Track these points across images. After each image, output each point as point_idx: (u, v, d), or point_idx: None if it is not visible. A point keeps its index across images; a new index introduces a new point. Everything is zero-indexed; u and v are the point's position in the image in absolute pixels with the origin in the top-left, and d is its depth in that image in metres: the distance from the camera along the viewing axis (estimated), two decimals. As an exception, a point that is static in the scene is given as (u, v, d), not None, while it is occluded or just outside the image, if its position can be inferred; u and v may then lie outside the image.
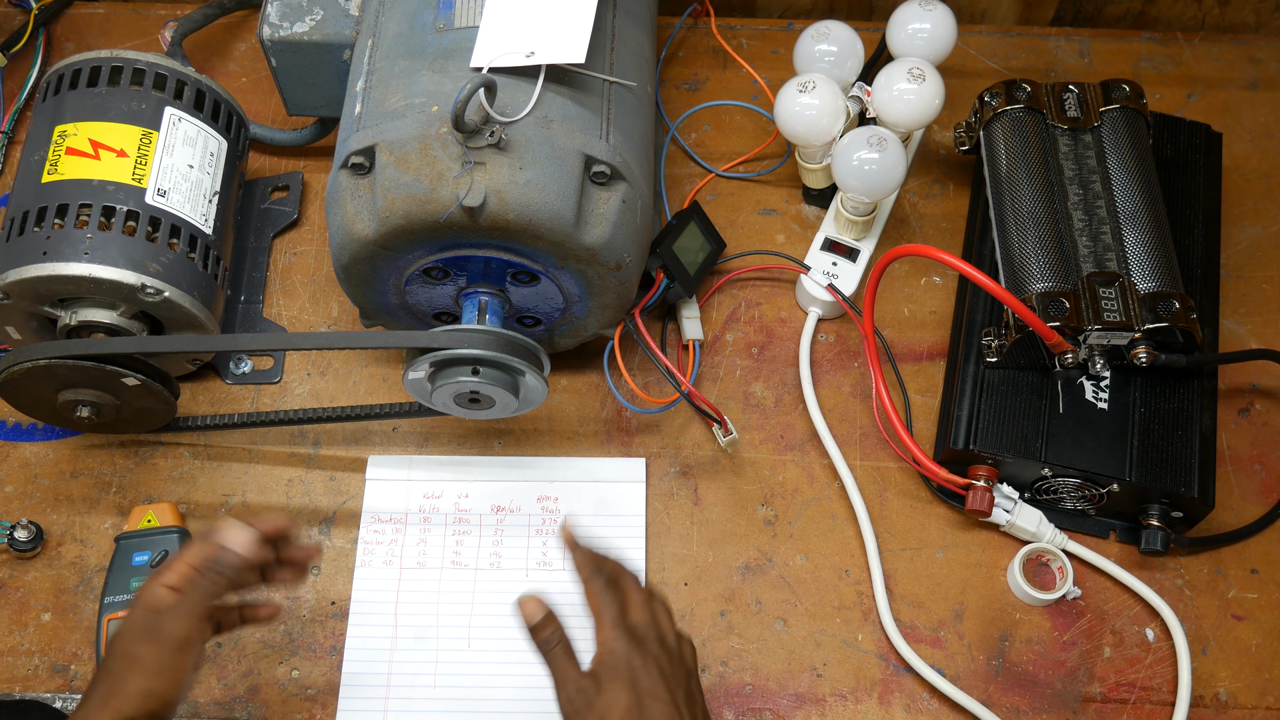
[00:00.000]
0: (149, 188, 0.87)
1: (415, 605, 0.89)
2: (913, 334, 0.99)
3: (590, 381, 0.97)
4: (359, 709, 0.86)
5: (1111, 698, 0.86)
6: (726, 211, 1.04)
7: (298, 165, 1.05)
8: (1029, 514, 0.89)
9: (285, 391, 0.97)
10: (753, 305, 1.00)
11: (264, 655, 0.87)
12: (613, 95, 0.84)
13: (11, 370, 0.82)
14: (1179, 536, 0.88)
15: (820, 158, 0.99)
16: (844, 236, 1.00)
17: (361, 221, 0.80)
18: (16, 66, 1.09)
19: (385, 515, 0.92)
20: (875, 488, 0.93)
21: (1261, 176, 1.06)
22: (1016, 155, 0.93)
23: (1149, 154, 0.93)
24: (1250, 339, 0.99)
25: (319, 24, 0.92)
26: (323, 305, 1.00)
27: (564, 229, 0.79)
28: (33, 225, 0.85)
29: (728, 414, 0.93)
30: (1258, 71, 1.11)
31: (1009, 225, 0.91)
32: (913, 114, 0.95)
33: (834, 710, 0.86)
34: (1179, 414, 0.88)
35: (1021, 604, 0.89)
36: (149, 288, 0.85)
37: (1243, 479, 0.93)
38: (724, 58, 1.11)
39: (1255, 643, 0.88)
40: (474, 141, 0.77)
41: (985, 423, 0.88)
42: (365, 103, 0.83)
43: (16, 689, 0.86)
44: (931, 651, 0.88)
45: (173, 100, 0.90)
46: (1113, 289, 0.86)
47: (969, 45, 1.12)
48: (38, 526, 0.89)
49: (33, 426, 0.95)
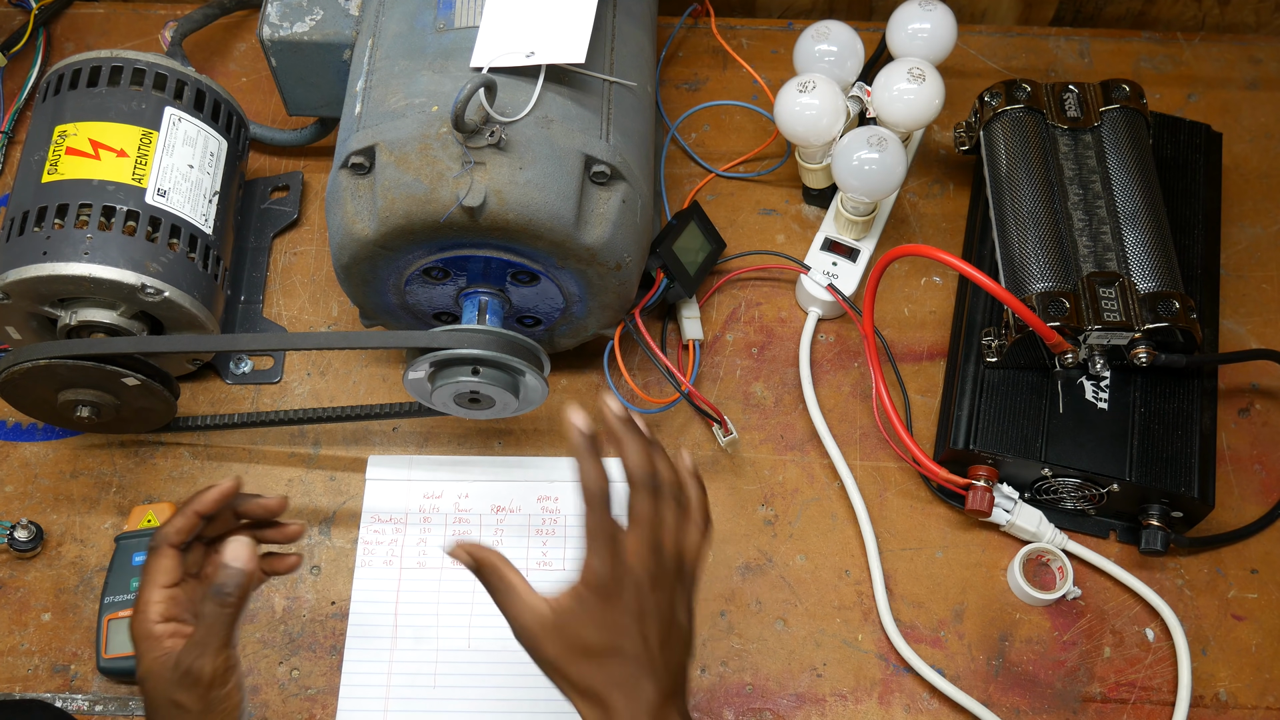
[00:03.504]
0: (149, 188, 0.87)
1: (415, 605, 0.89)
2: (913, 334, 0.99)
3: (590, 381, 0.97)
4: (359, 709, 0.86)
5: (1111, 698, 0.86)
6: (726, 211, 1.04)
7: (298, 165, 1.05)
8: (1029, 514, 0.89)
9: (285, 391, 0.97)
10: (753, 305, 1.00)
11: (264, 655, 0.87)
12: (613, 95, 0.84)
13: (11, 370, 0.82)
14: (1179, 536, 0.88)
15: (820, 158, 0.99)
16: (844, 236, 1.00)
17: (361, 221, 0.80)
18: (16, 66, 1.09)
19: (385, 515, 0.92)
20: (875, 488, 0.93)
21: (1261, 176, 1.06)
22: (1016, 155, 0.93)
23: (1149, 154, 0.93)
24: (1250, 339, 0.99)
25: (319, 24, 0.92)
26: (323, 305, 1.00)
27: (564, 229, 0.79)
28: (33, 225, 0.85)
29: (728, 414, 0.93)
30: (1258, 71, 1.11)
31: (1009, 225, 0.91)
32: (913, 114, 0.95)
33: (834, 710, 0.86)
34: (1179, 414, 0.88)
35: (1021, 604, 0.89)
36: (149, 288, 0.85)
37: (1243, 479, 0.93)
38: (724, 58, 1.11)
39: (1255, 643, 0.88)
40: (474, 141, 0.77)
41: (985, 423, 0.88)
42: (365, 103, 0.83)
43: (16, 689, 0.86)
44: (931, 651, 0.88)
45: (173, 100, 0.90)
46: (1113, 289, 0.86)
47: (969, 45, 1.12)
48: (38, 526, 0.89)
49: (33, 426, 0.95)
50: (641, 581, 0.65)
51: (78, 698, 0.86)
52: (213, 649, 0.67)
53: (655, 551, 0.66)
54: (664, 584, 0.66)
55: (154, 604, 0.69)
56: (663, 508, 0.67)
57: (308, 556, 0.90)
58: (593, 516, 0.66)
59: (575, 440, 0.66)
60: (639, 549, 0.65)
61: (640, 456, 0.67)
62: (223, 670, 0.68)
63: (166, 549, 0.71)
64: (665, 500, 0.67)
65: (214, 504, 0.72)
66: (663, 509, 0.67)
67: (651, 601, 0.65)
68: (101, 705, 0.86)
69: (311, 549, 0.91)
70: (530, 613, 0.67)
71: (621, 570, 0.65)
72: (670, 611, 0.66)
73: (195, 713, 0.67)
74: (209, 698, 0.67)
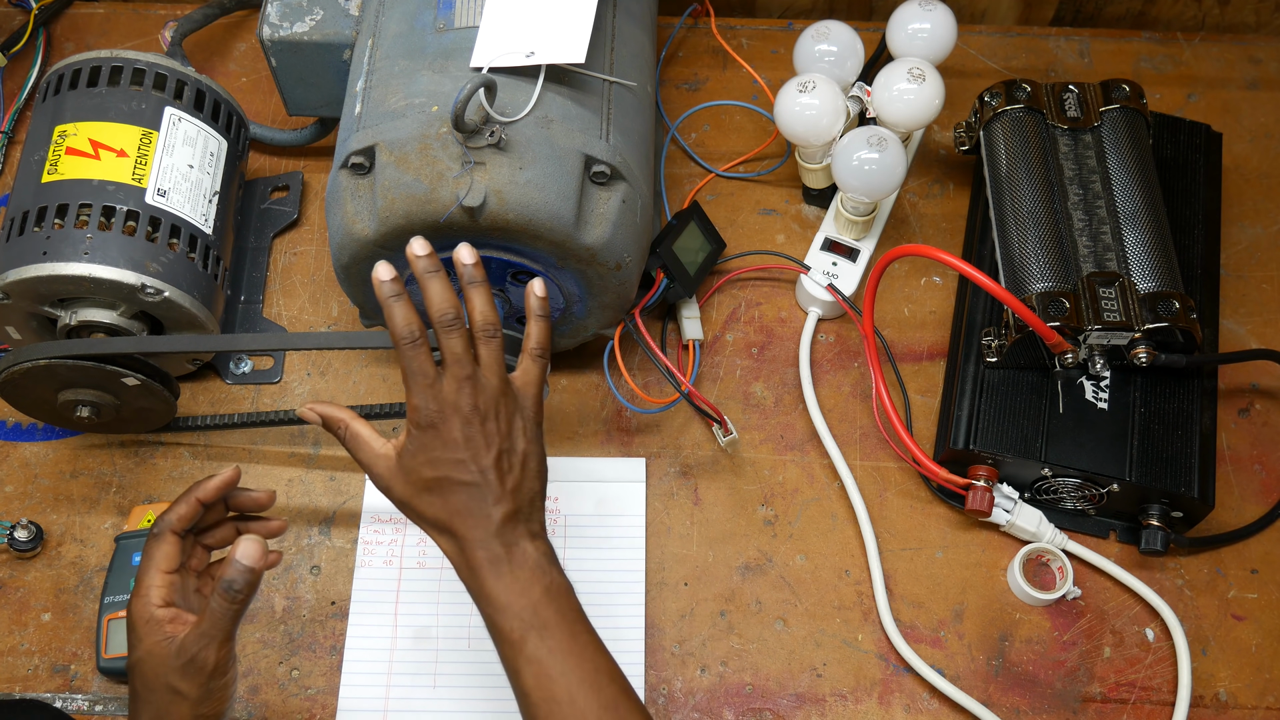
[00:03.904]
0: (149, 188, 0.87)
1: (415, 605, 0.89)
2: (913, 334, 0.99)
3: (590, 381, 0.97)
4: (359, 709, 0.86)
5: (1111, 698, 0.86)
6: (726, 211, 1.04)
7: (298, 165, 1.05)
8: (1029, 514, 0.89)
9: (285, 391, 0.97)
10: (753, 305, 1.00)
11: (264, 655, 0.87)
12: (613, 95, 0.84)
13: (11, 370, 0.82)
14: (1179, 536, 0.88)
15: (820, 158, 0.99)
16: (844, 236, 1.00)
17: (361, 221, 0.80)
18: (16, 66, 1.09)
19: (385, 515, 0.92)
20: (875, 488, 0.93)
21: (1261, 176, 1.06)
22: (1016, 155, 0.93)
23: (1149, 154, 0.93)
24: (1250, 339, 0.99)
25: (319, 24, 0.92)
26: (323, 305, 1.00)
27: (564, 229, 0.79)
28: (33, 225, 0.85)
29: (728, 414, 0.93)
30: (1258, 71, 1.11)
31: (1009, 225, 0.91)
32: (913, 114, 0.95)
33: (834, 710, 0.86)
34: (1179, 414, 0.88)
35: (1021, 604, 0.89)
36: (149, 288, 0.85)
37: (1243, 479, 0.93)
38: (724, 58, 1.11)
39: (1255, 643, 0.88)
40: (474, 141, 0.77)
41: (985, 423, 0.88)
42: (365, 103, 0.83)
43: (16, 689, 0.86)
44: (931, 651, 0.88)
45: (173, 100, 0.90)
46: (1113, 289, 0.86)
47: (969, 45, 1.12)
48: (38, 526, 0.89)
49: (33, 426, 0.95)
50: (465, 412, 0.70)
51: (78, 698, 0.86)
52: (217, 641, 0.68)
53: (472, 383, 0.70)
54: (490, 414, 0.71)
55: (155, 588, 0.70)
56: (478, 344, 0.72)
57: (308, 556, 0.90)
58: (406, 358, 0.71)
59: (380, 290, 0.71)
60: (453, 384, 0.70)
61: (440, 297, 0.71)
62: (224, 661, 0.69)
63: (169, 535, 0.72)
64: (480, 339, 0.72)
65: (216, 492, 0.74)
66: (478, 345, 0.72)
67: (479, 431, 0.70)
68: (101, 705, 0.86)
69: (311, 549, 0.91)
70: (378, 459, 0.72)
71: (442, 403, 0.70)
72: (506, 439, 0.71)
73: (192, 700, 0.68)
74: (208, 686, 0.68)
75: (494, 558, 0.69)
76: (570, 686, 0.67)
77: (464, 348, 0.71)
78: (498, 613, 0.69)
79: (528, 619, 0.69)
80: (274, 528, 0.78)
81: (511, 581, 0.69)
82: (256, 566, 0.69)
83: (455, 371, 0.71)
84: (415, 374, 0.71)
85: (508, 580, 0.69)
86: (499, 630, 0.69)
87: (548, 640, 0.68)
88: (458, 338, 0.71)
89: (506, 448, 0.71)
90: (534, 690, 0.68)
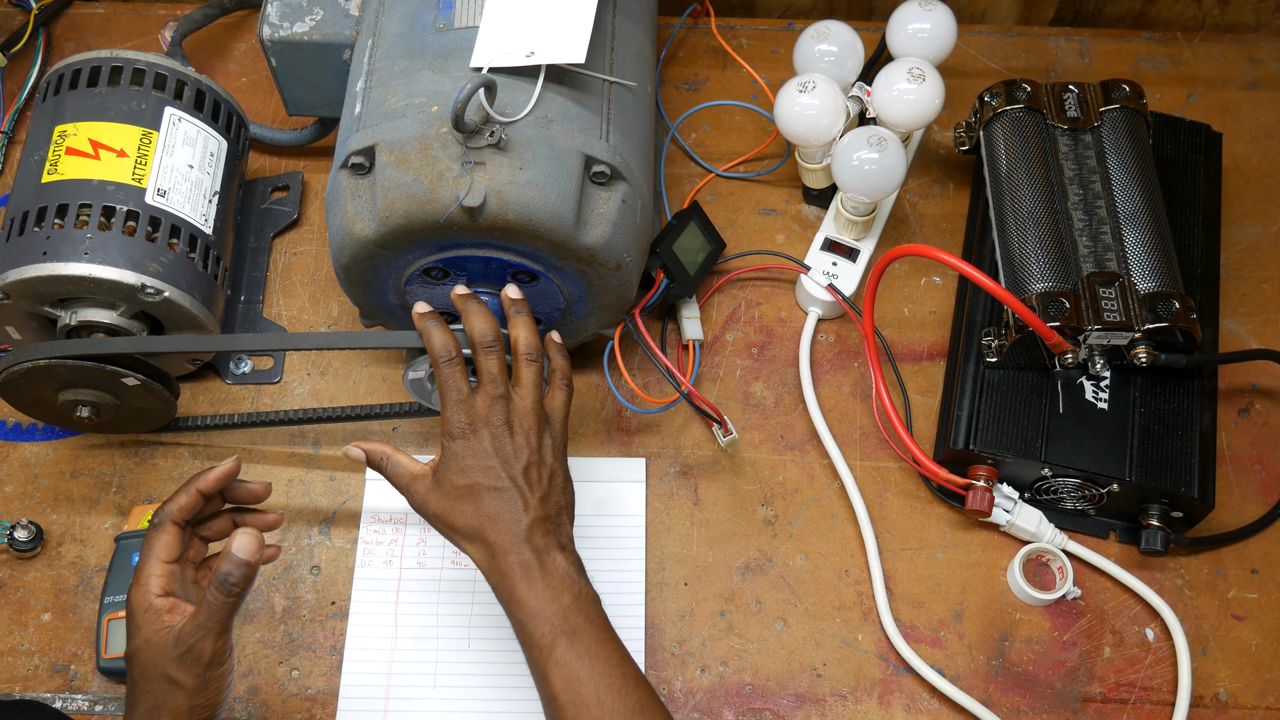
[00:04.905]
0: (149, 188, 0.87)
1: (415, 605, 0.89)
2: (913, 334, 0.99)
3: (590, 381, 0.97)
4: (359, 709, 0.86)
5: (1111, 698, 0.86)
6: (726, 211, 1.04)
7: (298, 165, 1.05)
8: (1029, 514, 0.89)
9: (285, 391, 0.97)
10: (753, 305, 1.00)
11: (264, 655, 0.87)
12: (613, 95, 0.84)
13: (11, 370, 0.82)
14: (1179, 536, 0.88)
15: (820, 158, 0.99)
16: (844, 236, 1.00)
17: (361, 221, 0.80)
18: (16, 66, 1.09)
19: (385, 515, 0.92)
20: (875, 488, 0.93)
21: (1261, 176, 1.06)
22: (1016, 155, 0.93)
23: (1149, 154, 0.93)
24: (1250, 339, 0.99)
25: (319, 24, 0.92)
26: (323, 305, 1.00)
27: (564, 229, 0.79)
28: (33, 225, 0.85)
29: (728, 414, 0.93)
30: (1258, 71, 1.11)
31: (1009, 225, 0.91)
32: (913, 114, 0.95)
33: (834, 710, 0.86)
34: (1179, 414, 0.88)
35: (1021, 604, 0.89)
36: (149, 288, 0.85)
37: (1243, 479, 0.93)
38: (724, 58, 1.11)
39: (1255, 643, 0.88)
40: (474, 141, 0.77)
41: (985, 423, 0.88)
42: (365, 103, 0.83)
43: (16, 689, 0.86)
44: (931, 651, 0.88)
45: (173, 100, 0.90)
46: (1113, 289, 0.86)
47: (969, 45, 1.12)
48: (38, 526, 0.89)
49: (33, 426, 0.95)
50: (495, 425, 0.74)
51: (78, 698, 0.86)
52: (214, 633, 0.69)
53: (505, 400, 0.74)
54: (520, 429, 0.74)
55: (155, 577, 0.71)
56: (519, 367, 0.76)
57: (308, 556, 0.90)
58: (443, 375, 0.75)
59: (419, 320, 0.78)
60: (486, 400, 0.74)
61: (482, 321, 0.76)
62: (221, 652, 0.70)
63: (169, 525, 0.73)
64: (522, 361, 0.76)
65: (216, 483, 0.75)
66: (519, 368, 0.76)
67: (509, 442, 0.74)
68: (101, 705, 0.86)
69: (311, 549, 0.91)
70: (416, 479, 0.76)
71: (473, 417, 0.74)
72: (535, 452, 0.74)
73: (189, 690, 0.69)
74: (205, 676, 0.69)
75: (525, 564, 0.71)
76: (599, 690, 0.69)
77: (500, 369, 0.75)
78: (528, 617, 0.70)
79: (558, 624, 0.70)
80: (270, 521, 0.78)
81: (543, 588, 0.71)
82: (252, 560, 0.69)
83: (489, 389, 0.74)
84: (450, 390, 0.75)
85: (539, 586, 0.71)
86: (529, 635, 0.70)
87: (576, 645, 0.70)
88: (495, 359, 0.75)
89: (535, 460, 0.74)
90: (562, 693, 0.69)
